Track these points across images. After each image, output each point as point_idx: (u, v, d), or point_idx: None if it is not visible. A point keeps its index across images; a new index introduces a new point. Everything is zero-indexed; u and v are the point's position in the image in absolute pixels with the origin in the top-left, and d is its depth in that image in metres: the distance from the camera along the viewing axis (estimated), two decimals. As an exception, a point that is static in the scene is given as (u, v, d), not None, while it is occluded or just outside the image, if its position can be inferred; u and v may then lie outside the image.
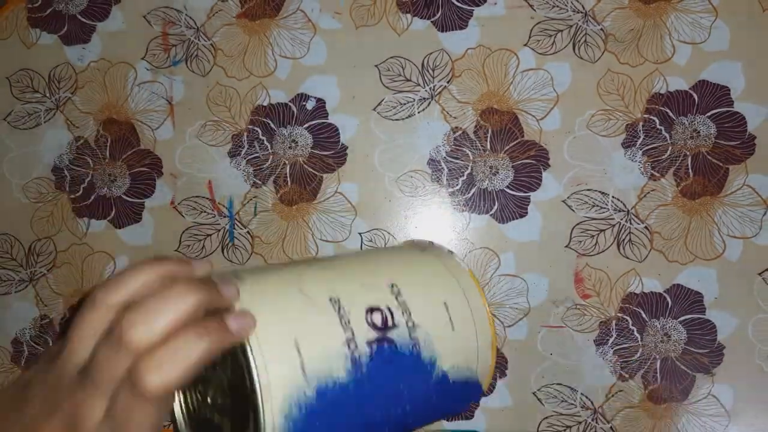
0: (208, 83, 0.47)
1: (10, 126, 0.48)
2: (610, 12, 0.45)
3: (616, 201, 0.45)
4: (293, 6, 0.46)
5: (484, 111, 0.46)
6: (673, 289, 0.45)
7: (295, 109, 0.46)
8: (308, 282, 0.30)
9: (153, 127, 0.47)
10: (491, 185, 0.46)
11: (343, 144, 0.46)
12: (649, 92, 0.45)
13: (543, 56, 0.45)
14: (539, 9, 0.45)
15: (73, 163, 0.48)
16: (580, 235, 0.45)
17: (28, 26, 0.48)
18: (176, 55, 0.47)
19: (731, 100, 0.44)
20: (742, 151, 0.44)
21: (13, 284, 0.48)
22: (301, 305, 0.29)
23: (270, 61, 0.46)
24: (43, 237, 0.48)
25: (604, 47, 0.45)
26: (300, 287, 0.30)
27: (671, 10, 0.45)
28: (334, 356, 0.27)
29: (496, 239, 0.45)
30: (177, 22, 0.47)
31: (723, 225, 0.45)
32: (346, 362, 0.28)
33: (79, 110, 0.47)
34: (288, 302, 0.29)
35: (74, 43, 0.47)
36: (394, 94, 0.46)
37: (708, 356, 0.45)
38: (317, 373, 0.27)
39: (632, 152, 0.45)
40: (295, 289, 0.29)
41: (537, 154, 0.45)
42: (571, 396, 0.45)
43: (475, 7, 0.45)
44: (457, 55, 0.46)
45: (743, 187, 0.44)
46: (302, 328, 0.27)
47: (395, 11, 0.46)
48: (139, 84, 0.47)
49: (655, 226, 0.45)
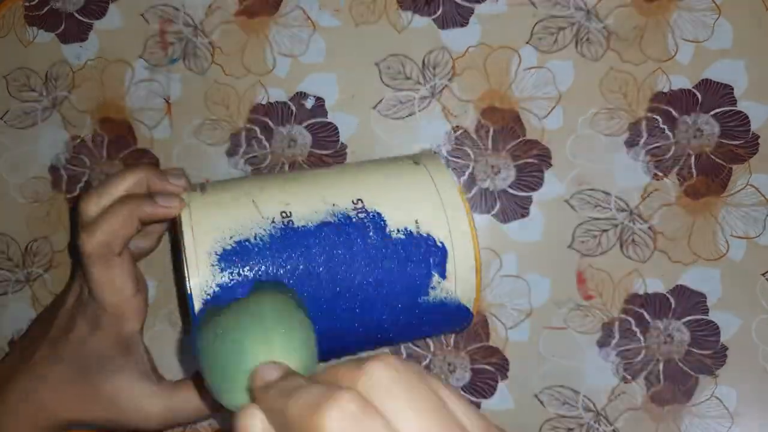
0: (206, 81, 0.46)
1: (6, 125, 0.47)
2: (613, 10, 0.44)
3: (619, 201, 0.45)
4: (292, 3, 0.46)
5: (486, 109, 0.45)
6: (676, 289, 0.44)
7: (294, 107, 0.46)
8: (265, 193, 0.32)
9: (150, 126, 0.47)
10: (493, 185, 0.45)
11: (342, 143, 0.46)
12: (652, 91, 0.44)
13: (545, 54, 0.45)
14: (541, 7, 0.45)
15: (69, 162, 0.47)
16: (583, 236, 0.45)
17: (25, 24, 0.47)
18: (174, 53, 0.46)
19: (734, 99, 0.44)
20: (746, 151, 0.44)
21: (10, 285, 0.48)
22: (248, 214, 0.31)
23: (269, 59, 0.46)
24: (40, 237, 0.47)
25: (607, 45, 0.45)
26: (254, 197, 0.32)
27: (674, 8, 0.44)
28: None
29: (497, 239, 0.45)
30: (175, 19, 0.46)
31: (726, 225, 0.44)
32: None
33: (76, 109, 0.47)
34: (235, 209, 0.31)
35: (71, 41, 0.47)
36: (395, 93, 0.46)
37: (711, 357, 0.44)
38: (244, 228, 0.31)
39: (635, 151, 0.44)
40: (248, 199, 0.32)
41: (539, 153, 0.45)
42: (573, 398, 0.45)
43: (477, 4, 0.45)
44: (458, 53, 0.45)
45: (747, 186, 0.44)
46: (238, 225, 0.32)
47: (395, 9, 0.45)
48: (136, 82, 0.47)
49: (658, 226, 0.44)
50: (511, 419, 0.45)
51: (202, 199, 0.32)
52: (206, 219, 0.31)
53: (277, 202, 0.32)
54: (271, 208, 0.32)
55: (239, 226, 0.31)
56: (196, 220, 0.31)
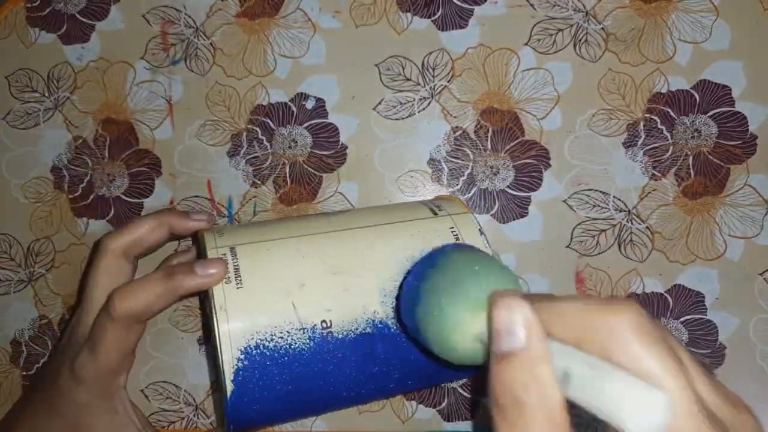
0: (207, 83, 0.46)
1: (8, 125, 0.48)
2: (611, 11, 0.45)
3: (617, 201, 0.45)
4: (293, 5, 0.46)
5: (485, 110, 0.45)
6: (674, 289, 0.45)
7: (295, 108, 0.46)
8: (306, 294, 0.32)
9: (152, 127, 0.47)
10: (492, 185, 0.45)
11: (342, 143, 0.46)
12: (650, 92, 0.45)
13: (544, 55, 0.45)
14: (540, 8, 0.45)
15: (71, 162, 0.47)
16: (581, 235, 0.45)
17: (27, 25, 0.48)
18: (175, 55, 0.47)
19: (732, 100, 0.44)
20: (744, 151, 0.44)
21: (12, 284, 0.48)
22: (287, 317, 0.31)
23: (269, 60, 0.46)
24: (42, 237, 0.48)
25: (605, 46, 0.45)
26: (294, 300, 0.31)
27: (672, 10, 0.44)
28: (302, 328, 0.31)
29: (496, 239, 0.45)
30: (176, 21, 0.47)
31: (724, 225, 0.44)
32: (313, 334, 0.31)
33: (77, 110, 0.47)
34: (273, 310, 0.31)
35: (73, 43, 0.47)
36: (394, 94, 0.46)
37: (709, 357, 0.45)
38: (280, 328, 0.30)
39: (633, 152, 0.45)
40: (288, 301, 0.32)
41: (538, 153, 0.45)
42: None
43: (476, 6, 0.45)
44: (458, 55, 0.45)
45: (744, 187, 0.44)
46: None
47: (395, 10, 0.46)
48: (138, 83, 0.47)
49: (656, 226, 0.45)
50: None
51: (238, 292, 0.30)
52: (242, 315, 0.30)
53: (319, 309, 0.31)
54: (312, 314, 0.31)
55: (276, 330, 0.30)
56: (232, 315, 0.30)
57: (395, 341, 0.32)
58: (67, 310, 0.48)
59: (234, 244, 0.32)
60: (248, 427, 0.33)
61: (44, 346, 0.48)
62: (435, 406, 0.45)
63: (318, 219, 0.36)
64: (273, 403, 0.31)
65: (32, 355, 0.48)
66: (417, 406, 0.45)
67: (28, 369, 0.48)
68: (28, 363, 0.48)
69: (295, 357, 0.30)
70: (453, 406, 0.45)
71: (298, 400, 0.32)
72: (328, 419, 0.45)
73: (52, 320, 0.48)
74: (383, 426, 0.45)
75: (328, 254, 0.32)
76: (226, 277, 0.31)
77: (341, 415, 0.45)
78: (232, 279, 0.31)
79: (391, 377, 0.33)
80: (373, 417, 0.45)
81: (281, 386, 0.30)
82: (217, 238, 0.33)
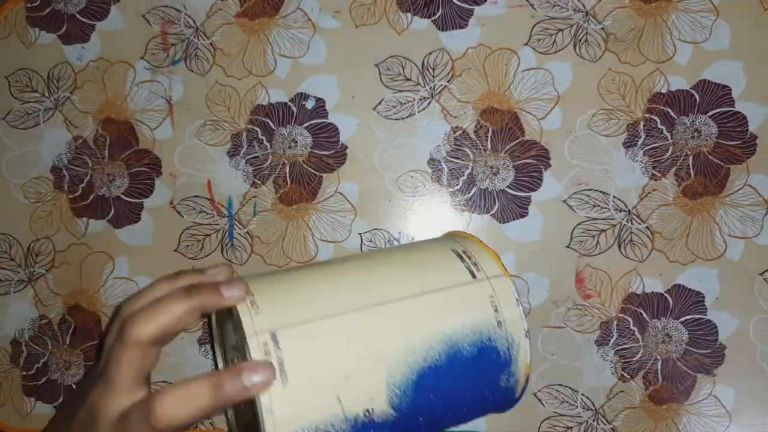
0: (207, 83, 0.46)
1: (8, 125, 0.48)
2: (611, 11, 0.45)
3: (617, 201, 0.45)
4: (293, 5, 0.46)
5: (485, 110, 0.45)
6: (674, 289, 0.45)
7: (295, 108, 0.46)
8: (350, 386, 0.31)
9: (152, 127, 0.47)
10: (492, 185, 0.45)
11: (342, 144, 0.46)
12: (650, 92, 0.45)
13: (544, 55, 0.45)
14: (540, 8, 0.45)
15: (71, 162, 0.47)
16: (581, 235, 0.45)
17: (27, 25, 0.48)
18: (175, 55, 0.47)
19: (732, 100, 0.44)
20: (744, 151, 0.44)
21: (12, 284, 0.48)
22: (331, 409, 0.30)
23: (269, 60, 0.46)
24: (42, 237, 0.48)
25: (605, 46, 0.45)
26: (339, 393, 0.31)
27: (672, 10, 0.44)
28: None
29: (496, 239, 0.45)
30: (176, 21, 0.47)
31: (724, 225, 0.44)
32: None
33: (77, 110, 0.47)
34: (318, 404, 0.30)
35: (73, 43, 0.47)
36: (394, 94, 0.46)
37: (709, 357, 0.45)
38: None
39: (633, 152, 0.45)
40: (333, 395, 0.30)
41: (538, 153, 0.45)
42: (571, 396, 0.45)
43: (476, 6, 0.45)
44: (458, 55, 0.45)
45: (744, 187, 0.44)
46: None
47: (395, 10, 0.46)
48: (138, 83, 0.47)
49: (656, 226, 0.45)
50: (510, 417, 0.45)
51: (284, 392, 0.29)
52: (288, 416, 0.29)
53: (363, 398, 0.31)
54: (356, 404, 0.30)
55: (321, 424, 0.30)
56: (279, 417, 0.29)
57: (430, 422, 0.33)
58: (67, 311, 0.48)
59: (275, 329, 0.30)
60: None
61: (44, 346, 0.48)
62: (435, 406, 0.45)
63: (356, 278, 0.34)
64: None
65: (32, 355, 0.48)
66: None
67: (27, 369, 0.48)
68: (27, 363, 0.48)
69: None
70: (453, 406, 0.45)
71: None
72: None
73: (52, 320, 0.48)
74: (383, 426, 0.45)
75: (372, 340, 0.32)
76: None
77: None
78: (277, 377, 0.29)
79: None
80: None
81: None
82: (254, 316, 0.31)
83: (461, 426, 0.44)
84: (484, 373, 0.34)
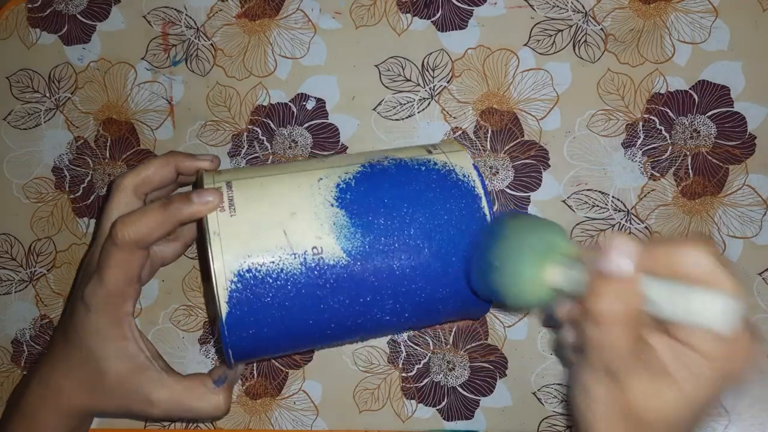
0: (208, 83, 0.47)
1: (9, 126, 0.48)
2: (610, 12, 0.45)
3: (616, 201, 0.45)
4: (293, 6, 0.46)
5: (484, 111, 0.46)
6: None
7: (295, 109, 0.46)
8: (298, 222, 0.33)
9: (153, 127, 0.47)
10: (491, 185, 0.46)
11: (343, 144, 0.46)
12: (649, 92, 0.45)
13: (543, 56, 0.45)
14: (539, 9, 0.45)
15: (73, 163, 0.48)
16: (581, 236, 0.45)
17: (28, 26, 0.48)
18: (176, 55, 0.47)
19: (731, 100, 0.44)
20: (742, 151, 0.44)
21: (13, 284, 0.48)
22: (279, 244, 0.32)
23: (270, 61, 0.46)
24: (43, 237, 0.48)
25: (604, 47, 0.45)
26: (285, 228, 0.33)
27: (671, 10, 0.45)
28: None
29: (496, 239, 0.45)
30: (177, 22, 0.47)
31: (723, 225, 0.45)
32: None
33: (79, 110, 0.48)
34: (266, 240, 0.32)
35: (74, 43, 0.47)
36: (394, 94, 0.46)
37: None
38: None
39: (632, 152, 0.45)
40: (280, 230, 0.32)
41: (537, 154, 0.45)
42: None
43: (475, 7, 0.45)
44: (457, 55, 0.46)
45: (743, 187, 0.44)
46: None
47: (395, 11, 0.46)
48: (139, 84, 0.47)
49: (655, 226, 0.45)
50: (509, 417, 0.45)
51: (232, 220, 0.33)
52: (235, 241, 0.32)
53: (309, 236, 0.32)
54: (303, 241, 0.32)
55: (268, 255, 0.32)
56: (225, 240, 0.32)
57: (387, 271, 0.33)
58: (68, 310, 0.48)
59: (230, 180, 0.34)
60: (248, 354, 0.34)
61: (45, 346, 0.48)
62: (435, 405, 0.45)
63: (314, 160, 0.38)
64: (268, 327, 0.32)
65: (33, 355, 0.48)
66: (417, 405, 0.45)
67: (28, 369, 0.48)
68: (29, 363, 0.48)
69: (287, 280, 0.32)
70: (453, 406, 0.45)
71: (292, 326, 0.33)
72: (328, 419, 0.45)
73: (53, 320, 0.48)
74: (384, 425, 0.45)
75: (321, 186, 0.34)
76: (220, 206, 0.33)
77: (341, 413, 0.45)
78: (226, 208, 0.33)
79: (385, 308, 0.34)
80: (373, 416, 0.45)
81: (275, 310, 0.32)
82: (215, 176, 0.35)
83: (459, 425, 0.44)
84: (437, 196, 0.35)
